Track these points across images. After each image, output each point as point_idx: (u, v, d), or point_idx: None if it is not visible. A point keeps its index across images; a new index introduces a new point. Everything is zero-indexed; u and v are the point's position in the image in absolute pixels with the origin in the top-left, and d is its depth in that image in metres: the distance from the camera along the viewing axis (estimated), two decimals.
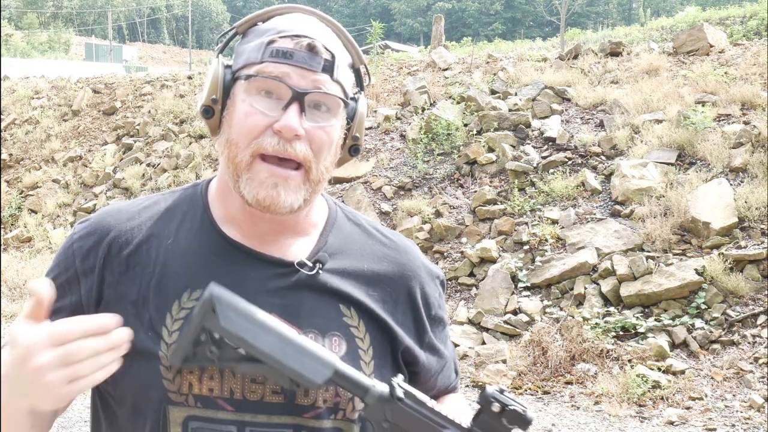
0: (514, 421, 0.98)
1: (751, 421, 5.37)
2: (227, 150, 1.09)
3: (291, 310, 1.10)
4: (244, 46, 1.11)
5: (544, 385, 6.17)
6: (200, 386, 1.06)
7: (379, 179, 9.18)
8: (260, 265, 1.11)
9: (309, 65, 1.06)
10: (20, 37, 50.55)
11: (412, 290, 1.20)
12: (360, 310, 1.14)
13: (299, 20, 1.11)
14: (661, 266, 6.77)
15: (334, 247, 1.17)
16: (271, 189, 1.06)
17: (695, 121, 8.05)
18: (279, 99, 1.06)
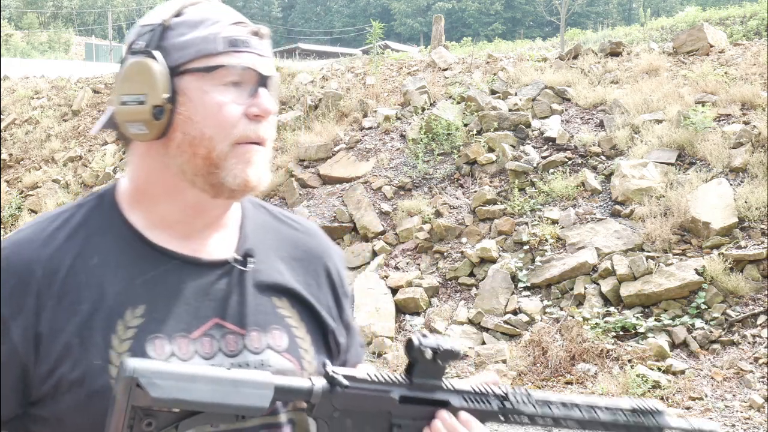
0: (448, 358, 1.02)
1: (751, 421, 5.37)
2: (193, 149, 1.05)
3: (233, 312, 1.09)
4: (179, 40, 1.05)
5: (544, 385, 6.17)
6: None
7: (379, 179, 9.18)
8: (196, 271, 1.09)
9: (262, 51, 1.08)
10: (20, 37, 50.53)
11: (329, 270, 1.22)
12: (291, 299, 1.15)
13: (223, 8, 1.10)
14: (661, 266, 6.77)
15: (254, 238, 1.16)
16: (256, 167, 1.07)
17: (695, 121, 8.05)
18: (244, 85, 1.06)
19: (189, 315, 1.07)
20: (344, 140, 10.09)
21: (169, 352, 1.04)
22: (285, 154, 10.39)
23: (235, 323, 1.09)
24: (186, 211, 1.10)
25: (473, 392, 1.05)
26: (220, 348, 1.07)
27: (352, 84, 11.84)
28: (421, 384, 1.03)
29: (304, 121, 10.97)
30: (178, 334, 1.05)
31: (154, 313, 1.05)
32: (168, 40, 1.06)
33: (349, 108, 10.81)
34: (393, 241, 8.41)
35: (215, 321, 1.08)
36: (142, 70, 1.04)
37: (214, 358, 1.06)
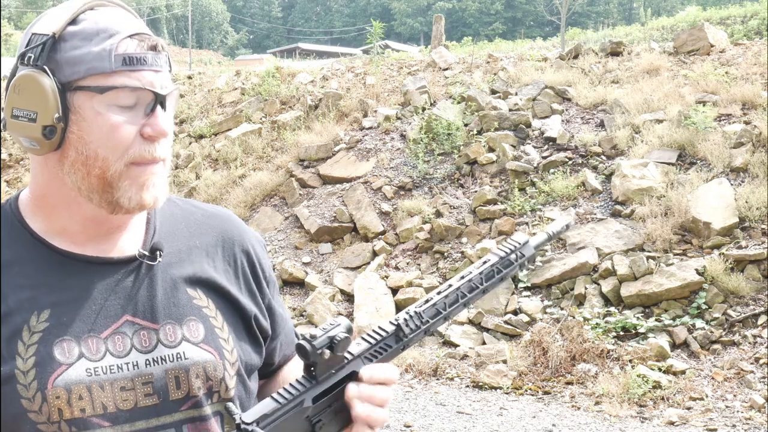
0: (345, 346, 1.03)
1: (751, 422, 5.37)
2: (86, 168, 1.03)
3: (144, 307, 1.08)
4: (71, 54, 1.01)
5: (544, 386, 6.16)
6: (71, 410, 1.01)
7: (380, 179, 9.17)
8: (103, 270, 1.08)
9: (159, 66, 1.04)
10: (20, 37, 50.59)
11: (246, 254, 1.21)
12: (206, 289, 1.14)
13: (118, 16, 1.05)
14: (662, 266, 6.76)
15: (163, 231, 1.15)
16: (152, 189, 1.05)
17: (696, 120, 8.04)
18: (139, 105, 1.03)
19: (98, 314, 1.06)
20: (344, 140, 10.08)
21: (78, 353, 1.03)
22: (285, 154, 10.38)
23: (147, 318, 1.08)
24: (85, 222, 1.08)
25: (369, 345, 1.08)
26: (133, 345, 1.06)
27: (352, 84, 11.83)
28: (326, 376, 1.03)
29: (304, 121, 10.96)
30: (87, 334, 1.04)
31: (60, 317, 1.04)
32: (61, 52, 1.02)
33: (349, 108, 10.80)
34: (393, 241, 8.40)
35: (126, 318, 1.07)
36: (32, 86, 1.01)
37: (128, 355, 1.05)
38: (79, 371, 1.02)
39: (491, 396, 6.07)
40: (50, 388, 1.01)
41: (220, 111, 12.31)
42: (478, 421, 5.57)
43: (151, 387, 1.06)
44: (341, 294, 7.88)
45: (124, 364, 1.05)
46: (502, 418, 5.61)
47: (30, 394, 1.00)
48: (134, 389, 1.05)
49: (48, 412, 1.00)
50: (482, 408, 5.82)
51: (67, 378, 1.01)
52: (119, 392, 1.04)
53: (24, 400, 1.00)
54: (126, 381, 1.04)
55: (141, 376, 1.06)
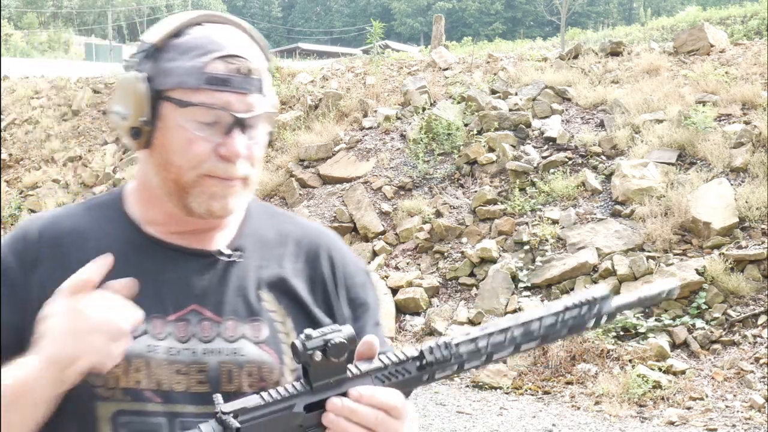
0: (341, 353, 0.96)
1: (751, 422, 5.37)
2: (165, 171, 1.10)
3: (212, 299, 1.13)
4: (167, 65, 1.08)
5: (544, 386, 6.16)
6: (127, 379, 1.07)
7: (380, 179, 9.17)
8: (181, 258, 1.14)
9: (245, 89, 1.08)
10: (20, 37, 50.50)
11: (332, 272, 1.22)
12: (281, 294, 1.17)
13: (219, 35, 1.10)
14: (662, 266, 6.76)
15: (252, 234, 1.20)
16: (221, 200, 1.10)
17: (696, 120, 8.04)
18: (218, 124, 1.08)
19: (169, 299, 1.12)
20: (344, 140, 10.08)
21: (142, 329, 1.08)
22: (285, 154, 10.38)
23: (213, 311, 1.13)
24: (168, 218, 1.15)
25: (382, 365, 0.99)
26: (194, 333, 1.11)
27: (352, 84, 11.83)
28: (323, 385, 0.97)
29: (304, 121, 10.96)
30: (155, 314, 1.10)
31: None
32: (159, 62, 1.09)
33: (349, 108, 10.80)
34: (393, 241, 8.40)
35: (193, 307, 1.12)
36: (128, 88, 1.09)
37: (188, 341, 1.11)
38: (140, 345, 1.08)
39: (491, 396, 6.07)
40: None
41: None
42: (478, 421, 5.57)
43: (204, 375, 1.10)
44: None
45: (184, 349, 1.10)
46: (502, 418, 5.61)
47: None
48: (188, 374, 1.10)
49: (106, 377, 1.06)
50: (482, 408, 5.82)
51: (129, 349, 1.04)
52: (174, 374, 1.09)
53: None
54: (182, 365, 1.09)
55: (197, 363, 1.10)
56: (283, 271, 1.19)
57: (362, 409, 0.96)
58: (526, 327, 1.03)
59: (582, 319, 1.06)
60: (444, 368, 1.01)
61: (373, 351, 1.00)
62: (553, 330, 1.05)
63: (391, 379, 0.99)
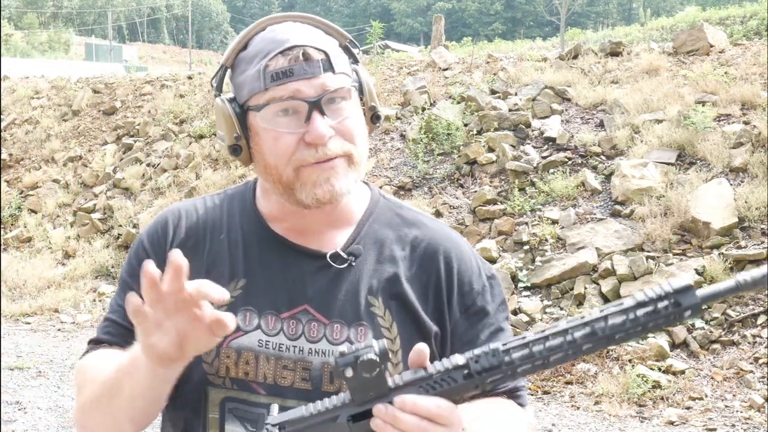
0: (372, 368, 0.96)
1: (751, 422, 5.37)
2: (268, 175, 1.17)
3: (323, 301, 1.18)
4: (240, 78, 1.16)
5: (544, 385, 6.17)
6: (236, 370, 1.15)
7: (380, 179, 9.18)
8: (300, 257, 1.20)
9: (310, 73, 1.12)
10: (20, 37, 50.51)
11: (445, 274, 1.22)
12: (389, 299, 1.19)
13: (279, 32, 1.15)
14: (662, 266, 6.76)
15: (370, 237, 1.23)
16: (325, 184, 1.14)
17: (695, 121, 8.05)
18: (297, 113, 1.13)
19: (283, 297, 1.19)
20: None
21: (256, 324, 1.17)
22: None
23: (322, 312, 1.18)
24: (291, 215, 1.22)
25: (425, 375, 0.98)
26: (303, 332, 1.17)
27: None
28: (366, 398, 0.98)
29: None
30: (269, 311, 1.18)
31: (252, 288, 1.19)
32: (235, 78, 1.18)
33: None
34: None
35: (304, 307, 1.19)
36: (217, 112, 1.19)
37: (297, 339, 1.17)
38: (252, 340, 1.16)
39: None
40: (225, 347, 1.15)
41: None
42: None
43: (308, 374, 1.16)
44: None
45: (292, 346, 1.17)
46: None
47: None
48: (294, 370, 1.16)
49: (218, 366, 1.15)
50: None
51: (241, 343, 1.15)
52: (281, 369, 1.16)
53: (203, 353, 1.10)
54: (289, 361, 1.16)
55: (302, 361, 1.17)
56: (396, 276, 1.20)
57: (406, 417, 0.96)
58: (589, 327, 0.95)
59: (658, 316, 0.93)
60: (494, 375, 0.96)
61: (422, 359, 0.99)
62: (622, 329, 0.94)
63: (436, 388, 0.98)
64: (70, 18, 65.81)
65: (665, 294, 0.92)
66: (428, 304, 1.20)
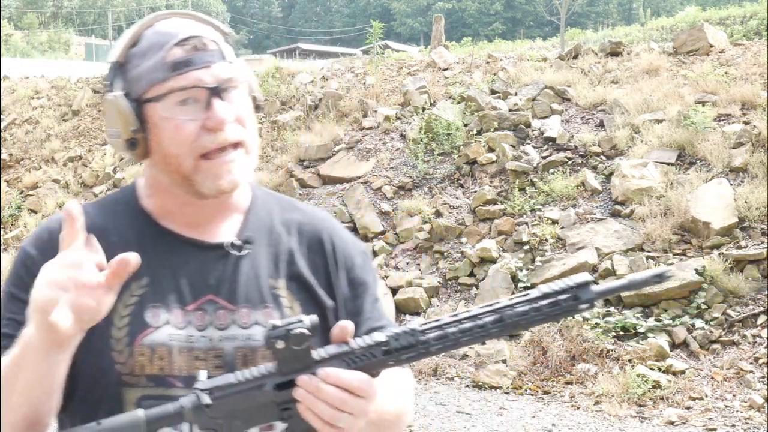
0: (302, 341, 1.03)
1: (751, 421, 5.37)
2: (168, 166, 1.19)
3: (227, 289, 1.21)
4: (134, 72, 1.18)
5: (544, 385, 6.17)
6: (151, 366, 1.17)
7: (379, 179, 9.18)
8: (195, 251, 1.23)
9: (208, 62, 1.17)
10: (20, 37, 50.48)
11: (332, 252, 1.30)
12: (288, 280, 1.25)
13: (170, 27, 1.19)
14: (662, 266, 6.76)
15: (258, 223, 1.28)
16: (227, 175, 1.17)
17: (695, 121, 8.05)
18: (197, 101, 1.16)
19: (187, 290, 1.21)
20: (344, 140, 10.09)
21: (165, 320, 1.18)
22: (285, 154, 10.38)
23: (227, 300, 1.21)
24: (184, 207, 1.24)
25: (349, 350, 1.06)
26: (211, 321, 1.20)
27: (352, 84, 11.84)
28: (291, 369, 1.05)
29: (304, 121, 10.97)
30: (175, 305, 1.20)
31: (155, 285, 1.20)
32: (128, 73, 1.19)
33: (349, 108, 10.80)
34: (393, 241, 8.41)
35: (209, 297, 1.21)
36: (110, 108, 1.19)
37: (206, 329, 1.19)
38: (163, 335, 1.17)
39: (491, 396, 6.07)
40: (137, 346, 1.17)
41: None
42: (477, 420, 5.58)
43: (221, 360, 1.19)
44: None
45: (201, 336, 1.19)
46: (502, 417, 5.62)
47: (120, 347, 1.16)
48: (206, 360, 1.18)
49: (132, 365, 1.16)
50: (482, 408, 5.83)
51: (153, 339, 1.17)
52: (193, 360, 1.18)
53: (114, 353, 1.16)
54: (200, 351, 1.18)
55: (214, 349, 1.19)
56: (292, 258, 1.27)
57: (327, 388, 1.04)
58: (497, 314, 1.05)
59: (558, 307, 1.04)
60: (410, 352, 1.06)
61: (345, 335, 1.07)
62: (526, 317, 1.04)
63: (357, 362, 1.06)
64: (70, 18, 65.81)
65: (567, 288, 1.04)
66: (320, 280, 1.27)
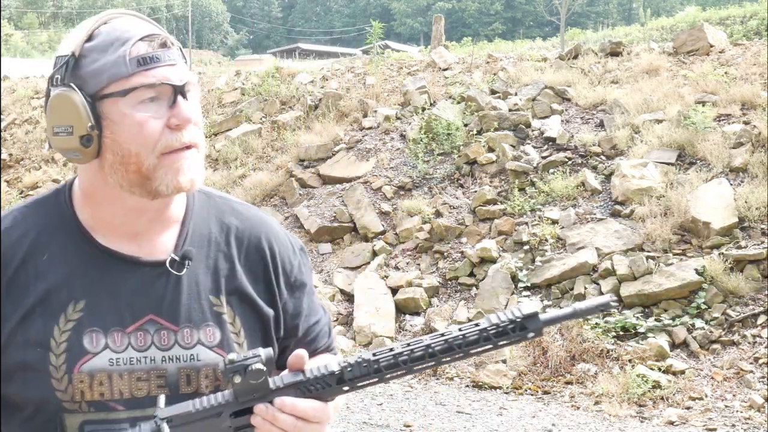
0: (259, 376, 1.07)
1: (751, 421, 5.37)
2: (124, 165, 1.13)
3: (168, 310, 1.19)
4: (92, 67, 1.13)
5: (544, 385, 6.17)
6: (91, 393, 1.14)
7: (379, 179, 9.18)
8: (134, 269, 1.19)
9: (171, 60, 1.14)
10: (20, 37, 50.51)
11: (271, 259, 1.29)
12: (228, 295, 1.24)
13: (128, 24, 1.16)
14: (661, 266, 6.76)
15: (197, 235, 1.25)
16: (187, 172, 1.15)
17: (695, 121, 8.05)
18: (161, 99, 1.13)
19: (126, 310, 1.18)
20: (344, 140, 10.09)
21: (104, 344, 1.16)
22: (285, 154, 10.38)
23: (169, 320, 1.19)
24: (127, 213, 1.19)
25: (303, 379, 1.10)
26: (152, 342, 1.18)
27: (352, 84, 11.84)
28: (249, 399, 1.09)
29: (304, 121, 10.97)
30: (114, 328, 1.17)
31: (93, 308, 1.16)
32: (83, 68, 1.13)
33: (349, 108, 10.80)
34: (393, 241, 8.41)
35: (150, 317, 1.19)
36: (64, 103, 1.12)
37: (147, 350, 1.17)
38: (103, 360, 1.15)
39: (491, 396, 6.07)
40: (76, 373, 1.14)
41: (220, 111, 12.32)
42: (477, 420, 5.58)
43: (164, 380, 1.18)
44: (341, 294, 7.88)
45: (143, 357, 1.17)
46: (502, 417, 5.62)
47: (59, 375, 1.13)
48: (149, 380, 1.17)
49: (72, 392, 1.14)
50: (482, 408, 5.83)
51: (92, 365, 1.14)
52: (135, 381, 1.16)
53: (54, 380, 1.13)
54: (142, 372, 1.16)
55: (156, 369, 1.17)
56: (232, 271, 1.25)
57: (283, 417, 1.07)
58: (448, 343, 1.10)
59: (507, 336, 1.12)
60: (363, 380, 1.10)
61: (301, 363, 1.10)
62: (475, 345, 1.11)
63: (312, 391, 1.10)
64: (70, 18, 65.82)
65: (515, 319, 1.14)
66: (260, 290, 1.27)
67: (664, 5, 57.48)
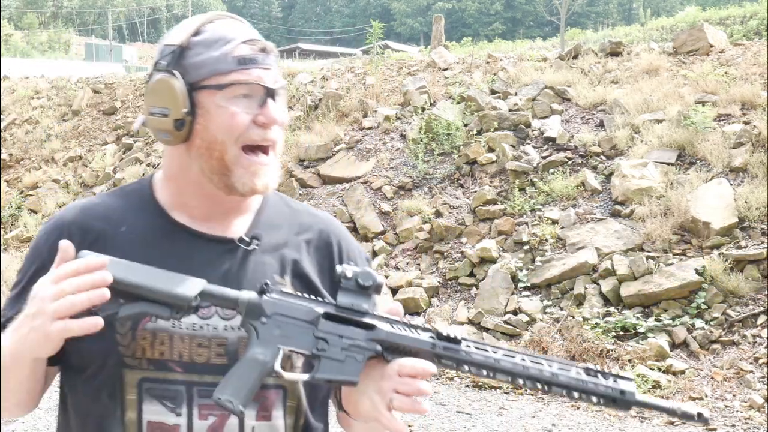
0: (367, 279, 1.15)
1: (751, 421, 5.38)
2: (209, 152, 1.23)
3: (233, 281, 1.24)
4: (196, 59, 1.22)
5: None
6: (152, 351, 1.21)
7: (379, 179, 9.18)
8: (204, 244, 1.27)
9: (269, 64, 1.24)
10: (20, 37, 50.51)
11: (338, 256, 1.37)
12: (293, 277, 1.30)
13: (235, 26, 1.26)
14: (661, 266, 6.76)
15: (268, 222, 1.34)
16: (263, 177, 1.24)
17: (695, 121, 8.05)
18: (253, 97, 1.22)
19: None
20: (344, 140, 10.09)
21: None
22: (285, 154, 10.38)
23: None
24: (204, 199, 1.28)
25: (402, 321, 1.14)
26: (216, 311, 1.24)
27: (352, 84, 11.84)
28: (347, 305, 1.15)
29: (304, 121, 10.97)
30: None
31: None
32: (187, 59, 1.23)
33: (349, 108, 10.80)
34: (393, 241, 8.41)
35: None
36: (165, 87, 1.22)
37: (210, 318, 1.24)
38: (166, 322, 1.21)
39: (491, 396, 6.07)
40: (140, 330, 1.21)
41: None
42: (477, 420, 5.58)
43: (224, 349, 1.23)
44: None
45: (206, 324, 1.23)
46: (502, 417, 5.62)
47: (123, 330, 1.20)
48: (209, 347, 1.23)
49: (134, 348, 1.21)
50: (482, 408, 5.83)
51: (156, 325, 1.21)
52: (196, 347, 1.22)
53: (118, 335, 1.20)
54: (204, 339, 1.22)
55: (217, 338, 1.23)
56: (297, 257, 1.32)
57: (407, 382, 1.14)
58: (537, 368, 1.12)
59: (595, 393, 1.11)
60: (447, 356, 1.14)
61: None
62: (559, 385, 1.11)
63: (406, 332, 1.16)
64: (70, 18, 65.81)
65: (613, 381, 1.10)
66: (326, 283, 1.33)
67: (664, 5, 57.49)
